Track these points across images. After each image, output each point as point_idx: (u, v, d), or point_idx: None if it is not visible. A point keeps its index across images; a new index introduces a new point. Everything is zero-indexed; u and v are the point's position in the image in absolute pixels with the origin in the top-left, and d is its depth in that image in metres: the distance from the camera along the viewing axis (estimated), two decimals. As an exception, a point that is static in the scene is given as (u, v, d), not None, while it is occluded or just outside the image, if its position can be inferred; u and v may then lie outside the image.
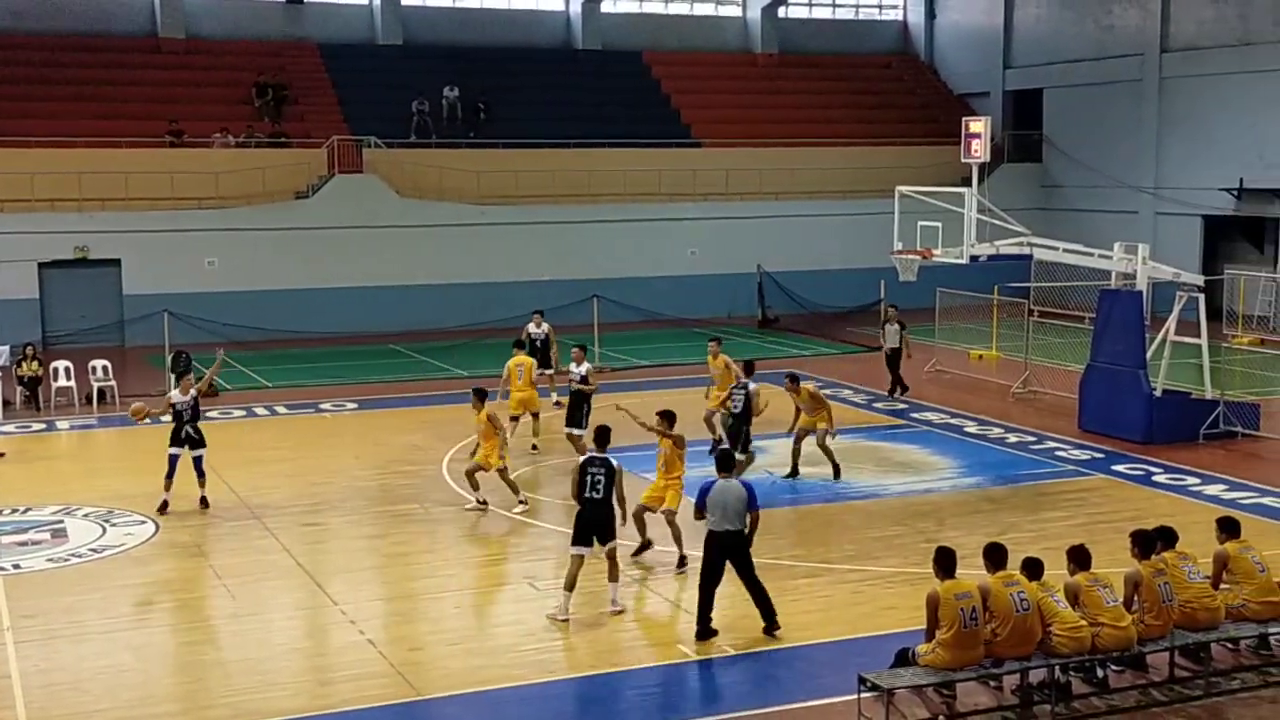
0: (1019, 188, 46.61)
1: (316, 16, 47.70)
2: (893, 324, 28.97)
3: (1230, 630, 13.45)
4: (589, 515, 15.27)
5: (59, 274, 38.10)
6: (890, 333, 28.98)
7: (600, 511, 15.26)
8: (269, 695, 13.16)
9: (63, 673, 13.85)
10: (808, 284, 43.76)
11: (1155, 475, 22.11)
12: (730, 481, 14.49)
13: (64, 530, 19.20)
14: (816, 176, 46.00)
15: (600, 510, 15.26)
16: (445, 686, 13.44)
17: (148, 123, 41.04)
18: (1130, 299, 25.01)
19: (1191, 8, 43.99)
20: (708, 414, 23.63)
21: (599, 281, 39.69)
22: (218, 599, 16.35)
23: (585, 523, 15.28)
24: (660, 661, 14.04)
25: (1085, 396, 25.82)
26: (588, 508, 15.26)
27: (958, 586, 12.31)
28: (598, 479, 15.20)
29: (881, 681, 12.24)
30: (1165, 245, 39.07)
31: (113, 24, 45.43)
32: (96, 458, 25.06)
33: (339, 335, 38.34)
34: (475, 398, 20.09)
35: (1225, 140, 42.39)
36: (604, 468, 15.27)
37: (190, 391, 20.35)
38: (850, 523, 19.46)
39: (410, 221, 41.23)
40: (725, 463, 14.82)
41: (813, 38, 54.38)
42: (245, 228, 39.61)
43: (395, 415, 27.82)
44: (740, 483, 14.57)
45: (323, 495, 21.18)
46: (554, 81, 47.71)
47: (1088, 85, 47.64)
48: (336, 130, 42.23)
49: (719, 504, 14.30)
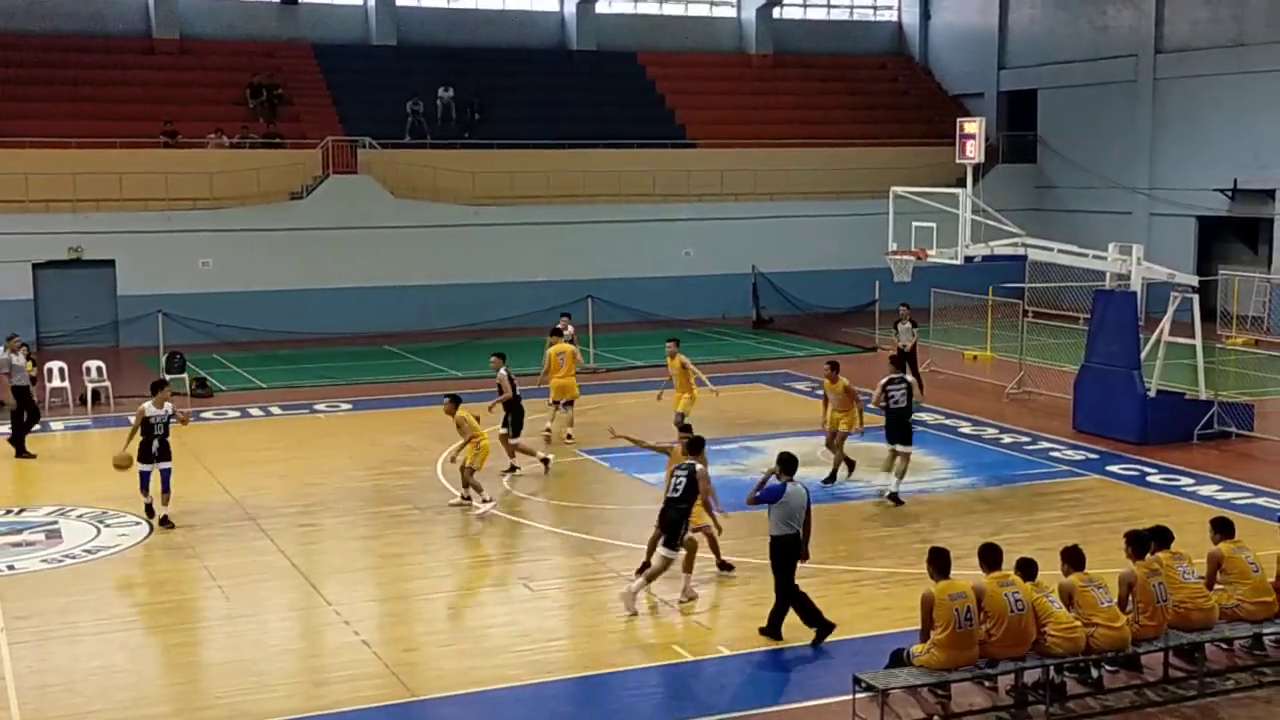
0: (1013, 188, 46.68)
1: (311, 17, 47.69)
2: (906, 323, 28.98)
3: (1224, 630, 13.46)
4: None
5: (53, 274, 38.06)
6: (904, 332, 28.97)
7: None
8: (263, 696, 13.15)
9: (57, 674, 13.83)
10: (802, 285, 43.79)
11: (1149, 476, 22.12)
12: (798, 486, 14.48)
13: (58, 531, 19.18)
14: (811, 177, 46.02)
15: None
16: (440, 687, 13.43)
17: (142, 123, 41.01)
18: (1125, 300, 25.02)
19: (1186, 9, 44.04)
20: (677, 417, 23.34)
21: (594, 282, 39.71)
22: (212, 600, 16.33)
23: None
24: (655, 662, 14.03)
25: (1080, 397, 25.84)
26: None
27: (952, 587, 12.32)
28: (679, 482, 15.57)
29: (876, 682, 12.25)
30: (1160, 246, 39.13)
31: (107, 24, 45.41)
32: (91, 458, 24.96)
33: (333, 336, 38.33)
34: (449, 402, 20.06)
35: (1219, 141, 42.45)
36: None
37: (166, 405, 19.38)
38: (845, 523, 19.46)
39: (405, 222, 41.22)
40: (790, 465, 14.59)
41: (807, 38, 54.41)
42: (240, 228, 39.59)
43: (390, 416, 27.80)
44: (804, 486, 14.60)
45: (317, 496, 21.15)
46: (549, 82, 47.73)
47: (1082, 86, 47.68)
48: (331, 131, 42.22)
49: (789, 509, 14.25)
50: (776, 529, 14.33)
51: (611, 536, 18.66)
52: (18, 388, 24.58)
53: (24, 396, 24.64)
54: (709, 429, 25.67)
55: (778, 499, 14.30)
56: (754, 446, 23.94)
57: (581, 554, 17.85)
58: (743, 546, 18.02)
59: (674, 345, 24.20)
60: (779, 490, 14.36)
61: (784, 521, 14.28)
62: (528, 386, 23.69)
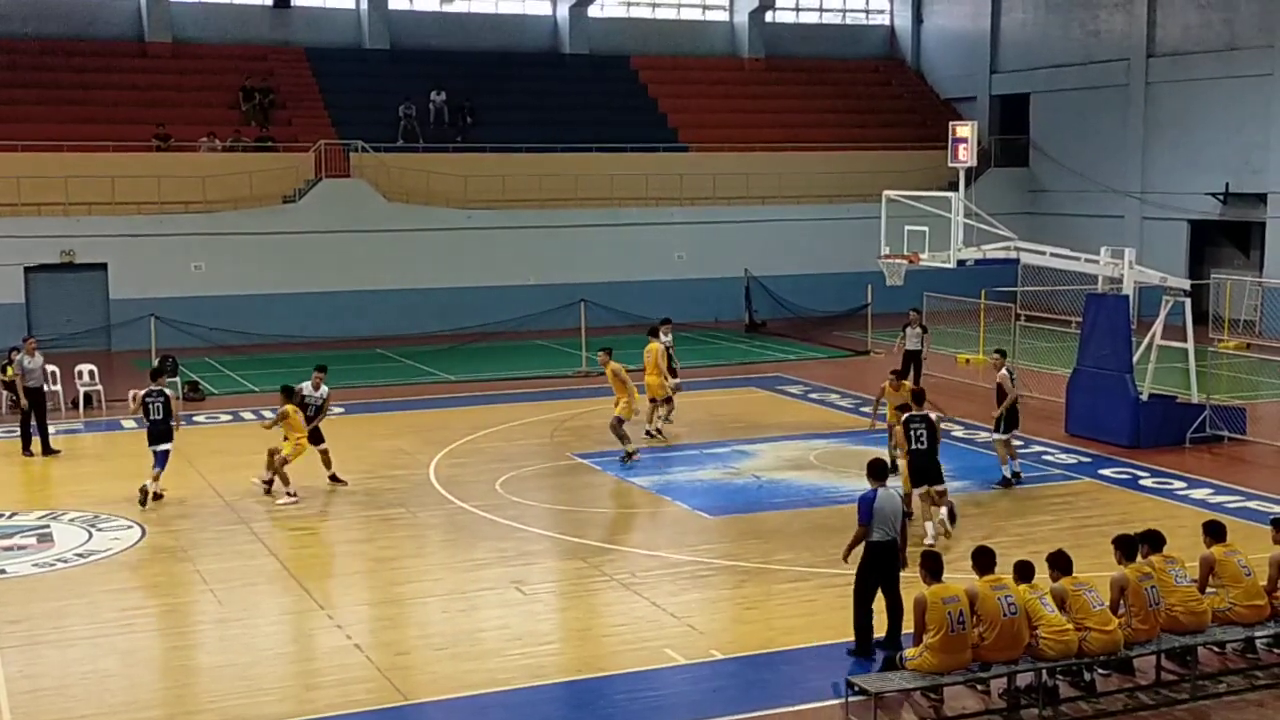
0: (1006, 192, 46.78)
1: (303, 21, 47.64)
2: (914, 327, 28.94)
3: (1217, 634, 13.48)
4: (919, 463, 18.03)
5: (45, 278, 38.01)
6: (911, 335, 28.91)
7: (926, 459, 18.02)
8: (255, 700, 13.13)
9: (48, 678, 13.79)
10: (795, 288, 43.80)
11: (1142, 479, 22.14)
12: (890, 491, 14.29)
13: (50, 535, 19.14)
14: (803, 181, 46.06)
15: (926, 458, 18.03)
16: (432, 691, 13.41)
17: (134, 127, 40.96)
18: (1117, 303, 25.05)
19: (1177, 13, 44.13)
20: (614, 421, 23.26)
21: (586, 286, 39.68)
22: (204, 604, 16.29)
23: (918, 469, 18.05)
24: (647, 666, 14.01)
25: (1072, 400, 25.86)
26: (917, 457, 18.02)
27: (945, 590, 12.33)
28: (920, 432, 17.94)
29: (869, 686, 12.26)
30: (1151, 250, 39.19)
31: (99, 28, 45.32)
32: (82, 462, 24.97)
33: (325, 340, 38.25)
34: (282, 394, 21.42)
35: (1211, 145, 42.54)
36: (924, 422, 18.15)
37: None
38: (836, 526, 19.39)
39: (397, 226, 41.20)
40: (880, 472, 14.38)
41: (800, 42, 54.42)
42: (232, 232, 39.56)
43: (382, 420, 27.77)
44: (896, 492, 14.47)
45: (309, 500, 21.12)
46: (541, 86, 47.72)
47: (1074, 90, 47.76)
48: (323, 134, 42.19)
49: (883, 515, 13.98)
50: (872, 534, 13.99)
51: (604, 540, 18.66)
52: (31, 389, 24.74)
53: (37, 398, 24.90)
54: (701, 432, 25.79)
55: (871, 506, 13.99)
56: (746, 450, 23.94)
57: (574, 557, 17.83)
58: (733, 550, 18.05)
59: (605, 355, 23.68)
60: (871, 498, 14.03)
61: (878, 528, 13.97)
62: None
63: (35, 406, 24.77)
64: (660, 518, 20.00)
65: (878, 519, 13.93)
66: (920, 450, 18.18)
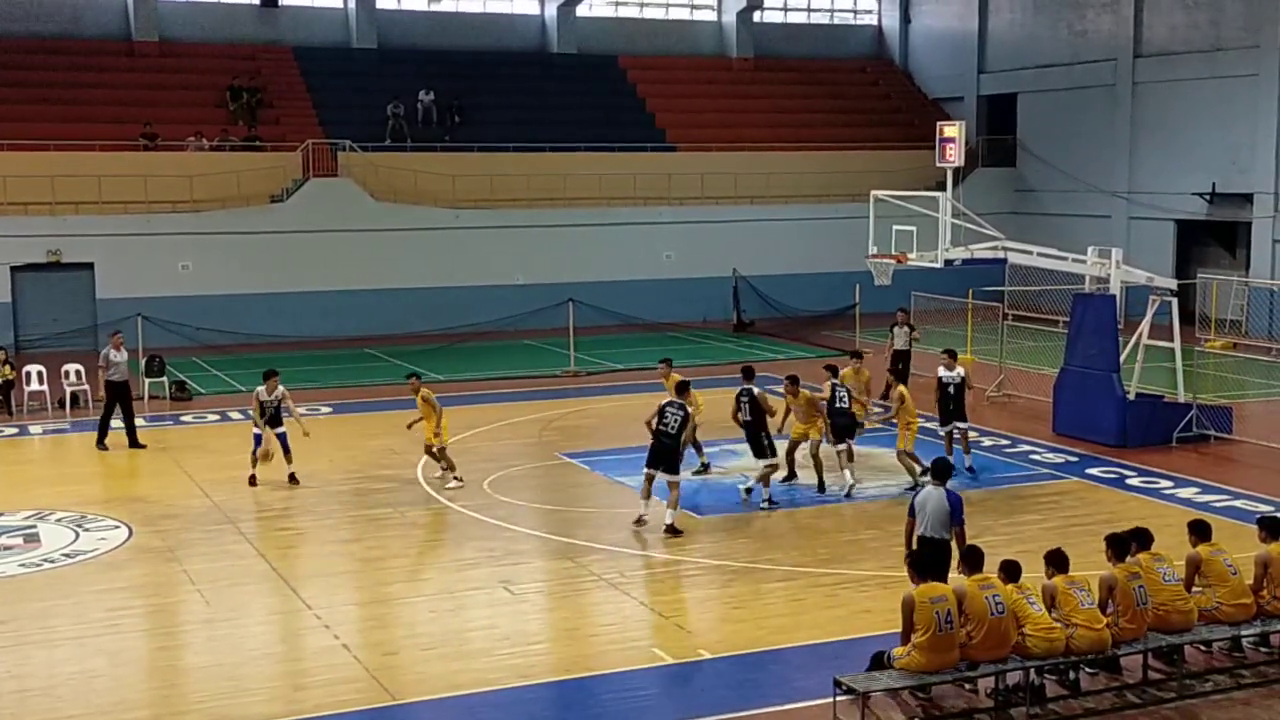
0: (993, 192, 46.84)
1: (291, 20, 47.54)
2: (902, 326, 29.00)
3: (1203, 633, 13.52)
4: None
5: (32, 278, 37.90)
6: (899, 335, 28.98)
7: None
8: (242, 700, 13.11)
9: (35, 678, 13.77)
10: (782, 288, 43.81)
11: (1129, 478, 22.19)
12: (931, 489, 14.59)
13: (36, 535, 19.10)
14: (791, 181, 46.07)
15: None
16: (420, 691, 13.40)
17: (121, 126, 40.87)
18: (1104, 303, 25.10)
19: (1164, 13, 44.23)
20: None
21: (574, 285, 39.63)
22: (191, 604, 16.27)
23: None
24: (636, 665, 14.01)
25: (1059, 400, 25.91)
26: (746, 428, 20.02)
27: (933, 590, 12.34)
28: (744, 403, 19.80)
29: (857, 685, 12.26)
30: (1138, 249, 39.22)
31: (86, 27, 45.20)
32: (69, 462, 24.91)
33: (314, 339, 38.22)
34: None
35: (1198, 145, 42.64)
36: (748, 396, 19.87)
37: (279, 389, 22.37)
38: (824, 526, 19.49)
39: (385, 225, 41.14)
40: (940, 472, 14.77)
41: (788, 42, 54.44)
42: (219, 231, 39.48)
43: (370, 419, 27.73)
44: (947, 492, 14.55)
45: (297, 499, 21.10)
46: (529, 85, 47.70)
47: (1061, 90, 47.85)
48: (311, 134, 42.12)
49: (924, 512, 14.40)
50: (922, 530, 14.45)
51: (591, 540, 18.65)
52: (115, 382, 24.77)
53: (122, 391, 24.90)
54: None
55: (912, 502, 14.75)
56: (734, 449, 23.93)
57: (562, 557, 17.83)
58: (722, 549, 18.06)
59: (416, 380, 23.00)
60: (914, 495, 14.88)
61: (926, 524, 14.41)
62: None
63: (121, 400, 24.84)
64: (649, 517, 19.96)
65: (919, 515, 14.47)
66: (748, 421, 20.28)
